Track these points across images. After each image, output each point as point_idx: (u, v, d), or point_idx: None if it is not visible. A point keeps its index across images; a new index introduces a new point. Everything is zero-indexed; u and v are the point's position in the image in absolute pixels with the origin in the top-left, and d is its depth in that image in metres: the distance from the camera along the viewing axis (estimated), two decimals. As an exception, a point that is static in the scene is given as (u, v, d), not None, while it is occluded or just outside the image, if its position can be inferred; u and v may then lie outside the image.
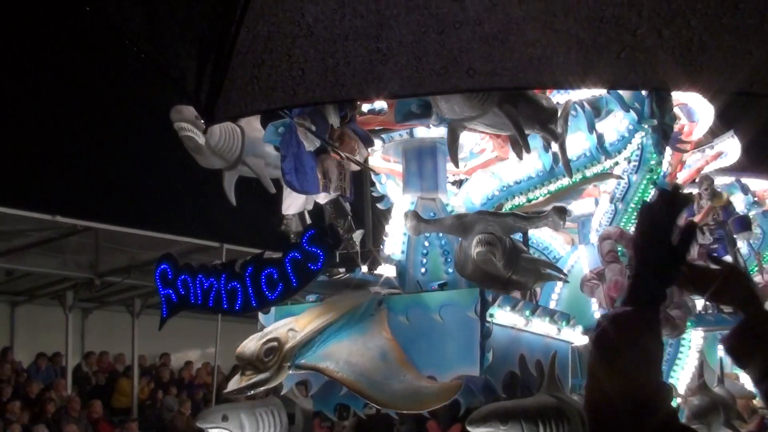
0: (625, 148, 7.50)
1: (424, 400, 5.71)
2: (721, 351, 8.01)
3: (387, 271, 6.27)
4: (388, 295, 6.24)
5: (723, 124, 9.07)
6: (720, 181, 9.97)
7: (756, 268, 10.11)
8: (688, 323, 7.63)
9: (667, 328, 6.91)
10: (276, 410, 6.67)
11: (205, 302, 5.85)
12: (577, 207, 8.30)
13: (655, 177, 7.76)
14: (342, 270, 6.01)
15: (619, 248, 7.29)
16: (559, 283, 8.09)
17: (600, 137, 7.26)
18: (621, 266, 6.94)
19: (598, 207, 8.28)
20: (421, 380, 5.78)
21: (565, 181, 7.32)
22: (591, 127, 7.16)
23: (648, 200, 5.36)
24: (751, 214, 10.34)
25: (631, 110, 7.32)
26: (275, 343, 5.71)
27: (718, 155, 9.60)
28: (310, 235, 5.55)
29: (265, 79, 2.36)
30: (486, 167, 7.44)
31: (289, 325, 5.88)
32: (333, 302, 6.12)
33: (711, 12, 2.18)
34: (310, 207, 6.41)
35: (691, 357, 7.96)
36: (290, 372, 5.83)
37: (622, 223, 7.89)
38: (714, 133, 9.13)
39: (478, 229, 5.91)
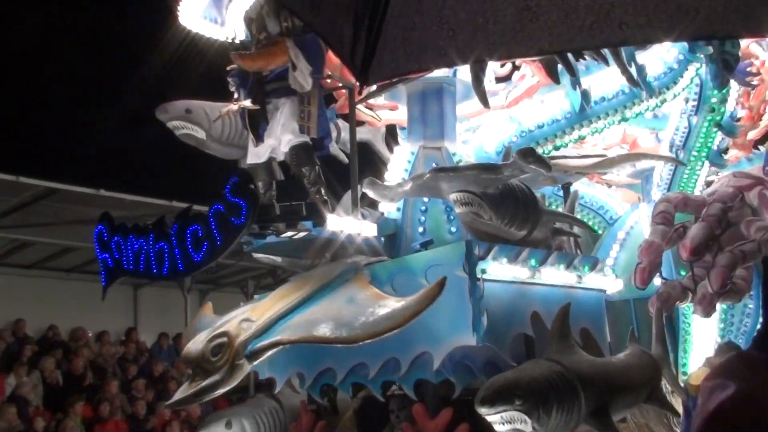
0: (674, 83, 6.27)
1: (401, 315, 4.72)
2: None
3: (338, 225, 5.49)
4: (370, 264, 5.52)
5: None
6: None
7: None
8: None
9: (729, 295, 5.70)
10: (274, 411, 6.32)
11: (136, 267, 5.41)
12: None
13: (717, 118, 6.40)
14: (285, 225, 5.35)
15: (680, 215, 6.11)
16: (615, 246, 7.08)
17: (641, 70, 6.13)
18: (667, 231, 5.75)
19: (658, 158, 7.05)
20: (399, 301, 4.86)
21: (599, 125, 6.30)
22: (630, 59, 6.07)
23: None
24: None
25: (680, 37, 6.13)
26: (224, 339, 5.02)
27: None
28: (233, 183, 4.94)
29: (416, 40, 2.44)
30: (531, 95, 6.57)
31: (244, 314, 5.19)
32: (301, 280, 5.44)
33: None
34: (281, 157, 5.83)
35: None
36: (249, 367, 5.11)
37: (686, 175, 6.68)
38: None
39: (446, 189, 5.10)
